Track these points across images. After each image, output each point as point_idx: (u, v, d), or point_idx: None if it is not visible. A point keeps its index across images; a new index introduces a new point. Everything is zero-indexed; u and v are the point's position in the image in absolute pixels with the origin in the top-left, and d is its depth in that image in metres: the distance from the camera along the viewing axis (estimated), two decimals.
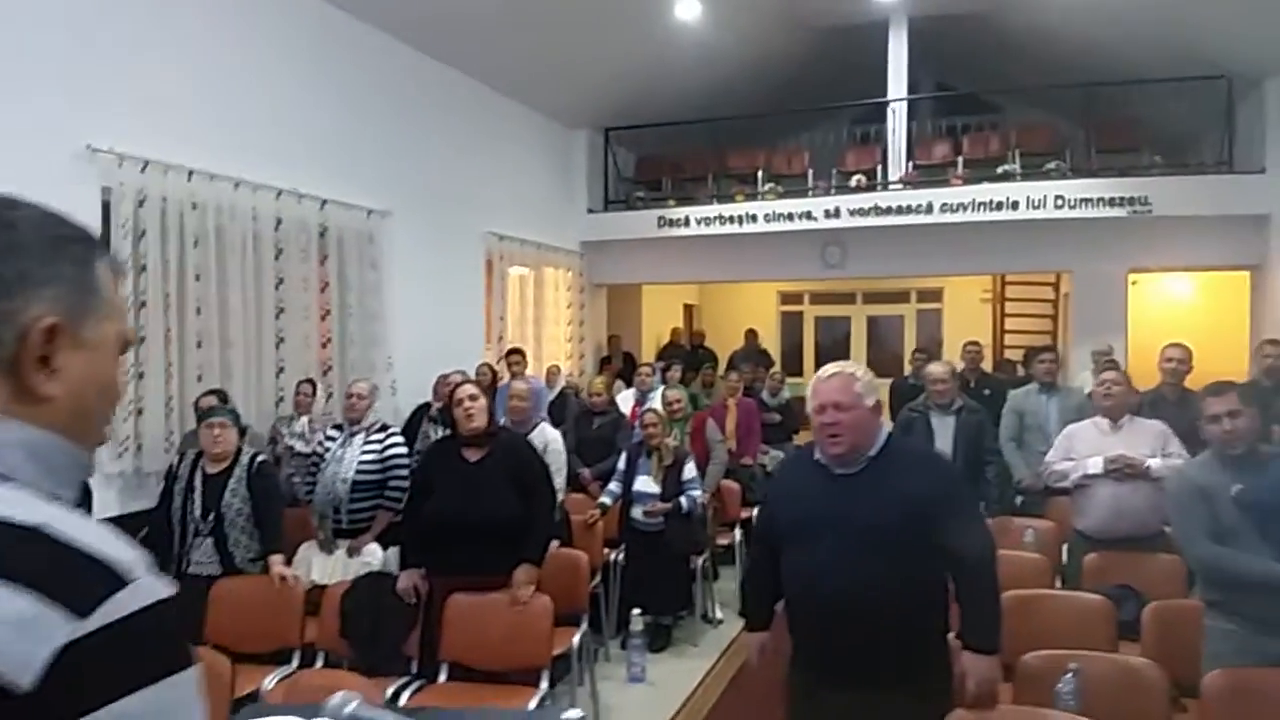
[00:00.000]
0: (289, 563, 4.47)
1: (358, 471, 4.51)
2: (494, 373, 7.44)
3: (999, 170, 9.08)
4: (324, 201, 6.29)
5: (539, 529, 3.74)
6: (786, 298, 14.94)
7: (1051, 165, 8.87)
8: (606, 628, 5.19)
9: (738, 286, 14.02)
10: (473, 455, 3.71)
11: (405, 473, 4.50)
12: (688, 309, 14.60)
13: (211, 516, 4.03)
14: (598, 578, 5.07)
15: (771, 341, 14.15)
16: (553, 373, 8.56)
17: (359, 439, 4.57)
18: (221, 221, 5.56)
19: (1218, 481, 3.03)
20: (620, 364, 10.47)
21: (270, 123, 5.98)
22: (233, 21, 5.72)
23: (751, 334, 12.07)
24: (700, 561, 5.54)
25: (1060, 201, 8.49)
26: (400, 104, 7.30)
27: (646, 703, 4.58)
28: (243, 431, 4.44)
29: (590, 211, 10.46)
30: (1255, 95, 8.35)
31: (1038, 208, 8.53)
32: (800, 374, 14.52)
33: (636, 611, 3.57)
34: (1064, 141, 9.55)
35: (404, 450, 4.58)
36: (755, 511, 5.43)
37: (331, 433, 4.72)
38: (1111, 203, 8.42)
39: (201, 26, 5.49)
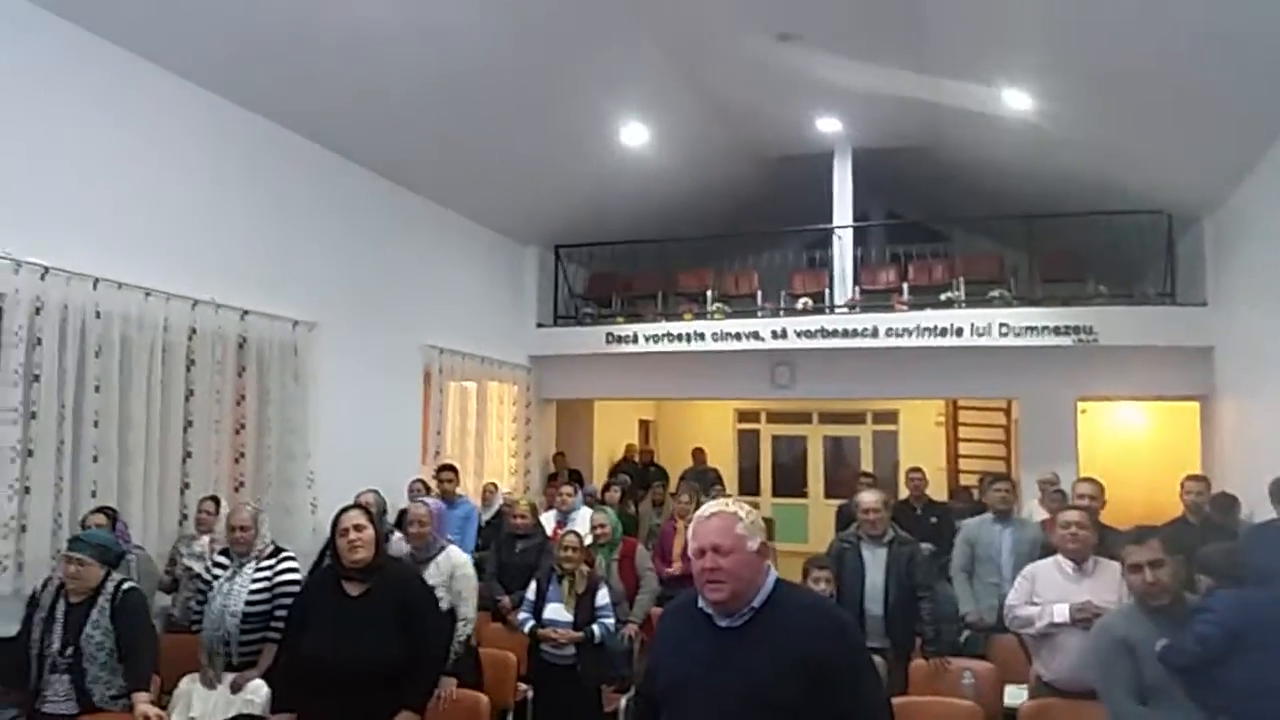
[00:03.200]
0: (170, 695, 4.13)
1: (247, 603, 4.17)
2: (428, 489, 7.16)
3: (943, 297, 9.12)
4: (245, 312, 6.11)
5: (424, 671, 3.43)
6: (744, 415, 14.83)
7: (995, 293, 8.93)
8: None
9: (695, 404, 13.91)
10: (354, 589, 3.41)
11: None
12: (644, 425, 14.42)
13: (70, 650, 3.68)
14: (509, 717, 4.71)
15: (728, 460, 13.96)
16: (489, 490, 8.26)
17: (249, 568, 4.25)
18: (128, 331, 5.36)
19: (1142, 635, 2.84)
20: (566, 481, 10.18)
21: (191, 232, 5.86)
22: (152, 126, 5.63)
23: (699, 452, 11.86)
24: (624, 700, 5.18)
25: (1005, 329, 8.51)
26: (335, 216, 7.23)
27: None
28: (115, 559, 4.08)
29: (540, 326, 10.39)
30: (1194, 231, 8.51)
31: (982, 334, 8.53)
32: (757, 492, 14.34)
33: None
34: (1009, 270, 9.66)
35: (296, 576, 4.24)
36: None
37: (220, 559, 4.39)
38: (1057, 331, 8.45)
39: (118, 129, 5.38)
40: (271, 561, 4.29)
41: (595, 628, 4.86)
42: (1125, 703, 2.78)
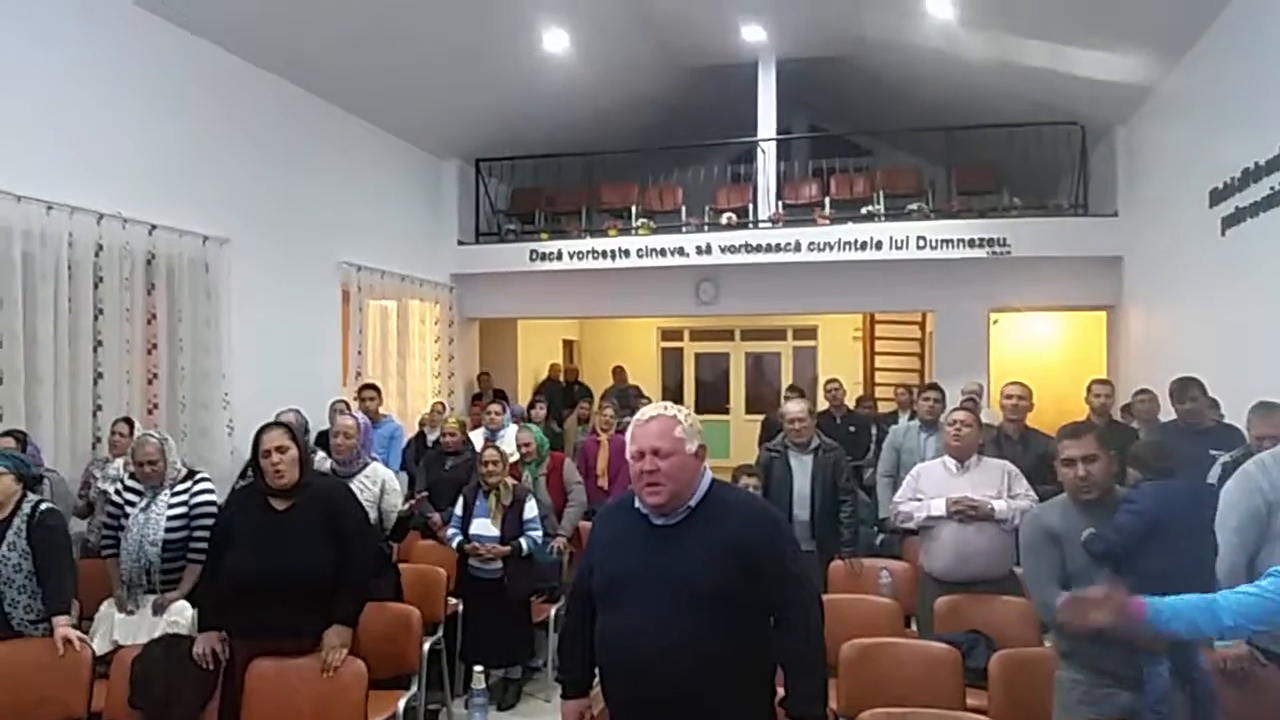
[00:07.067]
0: (90, 620, 4.02)
1: (167, 530, 4.04)
2: (349, 409, 7.03)
3: (864, 211, 9.22)
4: (153, 226, 5.84)
5: (353, 585, 3.40)
6: (667, 334, 14.93)
7: (914, 207, 9.06)
8: (451, 687, 4.85)
9: (619, 322, 13.91)
10: (280, 504, 3.35)
11: (213, 521, 4.05)
12: (568, 344, 14.39)
13: None
14: (439, 632, 4.73)
15: (652, 378, 14.08)
16: (437, 410, 8.15)
17: (164, 496, 4.11)
18: (30, 248, 5.08)
19: (1070, 526, 2.93)
20: (490, 401, 10.13)
21: (94, 143, 5.52)
22: (52, 34, 5.25)
23: (619, 371, 11.91)
24: (554, 610, 5.27)
25: (922, 242, 8.66)
26: (247, 128, 6.88)
27: None
28: (33, 480, 3.96)
29: (461, 243, 10.17)
30: (1107, 142, 8.72)
31: (901, 248, 8.68)
32: None
33: (478, 669, 3.25)
34: (927, 183, 9.79)
35: (213, 497, 4.13)
36: None
37: (132, 484, 4.23)
38: (972, 243, 8.64)
39: (16, 38, 5.03)
40: (186, 485, 4.16)
41: (523, 541, 4.88)
42: (1047, 587, 2.89)
